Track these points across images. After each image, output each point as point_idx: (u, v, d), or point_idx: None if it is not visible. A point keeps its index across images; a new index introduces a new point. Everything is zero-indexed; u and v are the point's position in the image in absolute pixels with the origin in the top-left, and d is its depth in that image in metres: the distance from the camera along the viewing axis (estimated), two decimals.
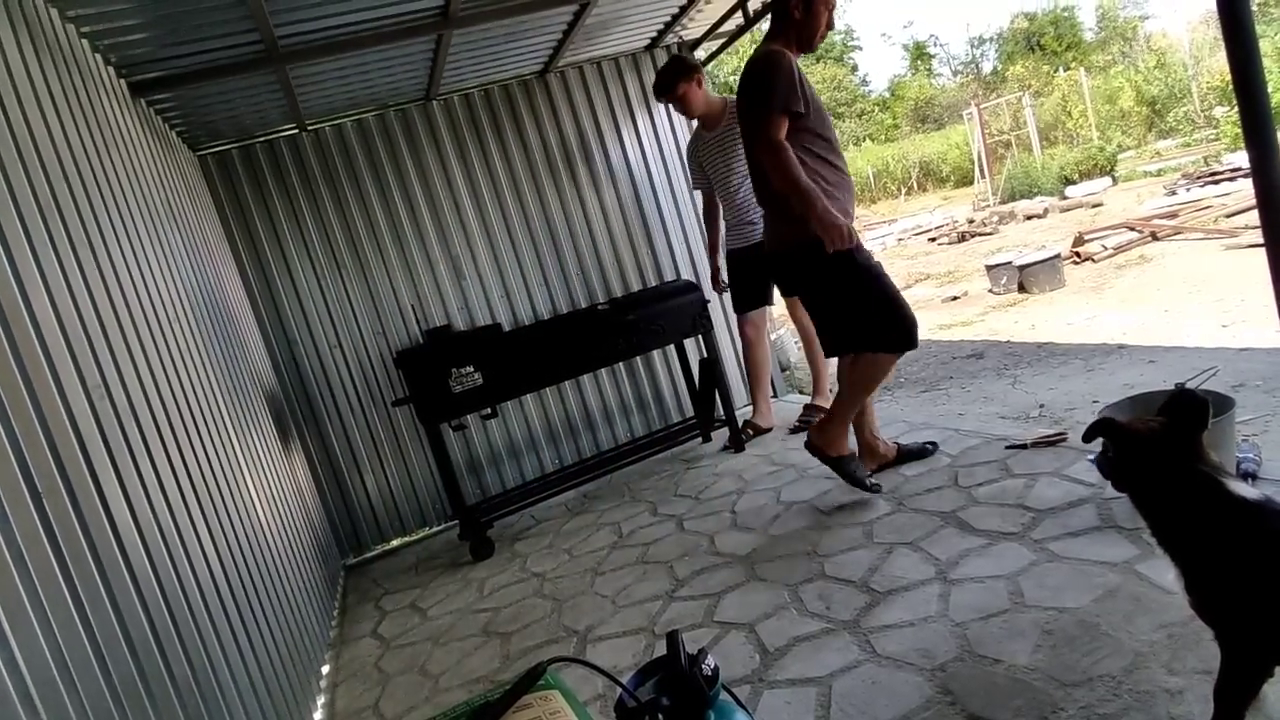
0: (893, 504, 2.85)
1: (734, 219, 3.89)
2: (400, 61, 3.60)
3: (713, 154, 3.85)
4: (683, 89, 3.70)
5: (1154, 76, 16.10)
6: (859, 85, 35.26)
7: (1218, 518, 1.43)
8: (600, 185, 4.49)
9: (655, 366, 4.59)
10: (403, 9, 3.10)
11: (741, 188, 3.79)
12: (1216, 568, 1.43)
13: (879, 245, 13.53)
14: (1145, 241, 7.41)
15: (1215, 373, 2.75)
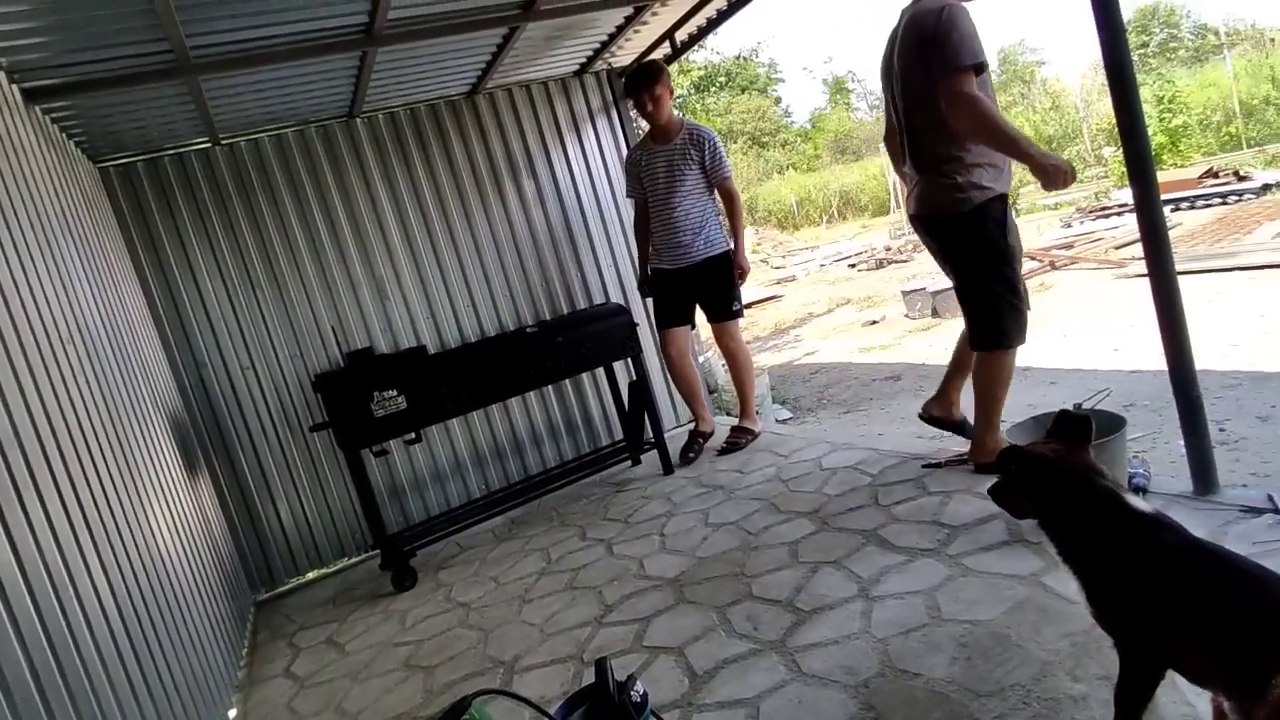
0: (816, 523, 2.90)
1: (663, 237, 3.90)
2: (322, 77, 3.51)
3: (659, 168, 3.86)
4: (661, 89, 3.78)
5: (1050, 117, 17.29)
6: (782, 116, 36.48)
7: (1116, 532, 1.51)
8: (529, 208, 4.47)
9: (584, 389, 4.57)
10: (325, 25, 3.03)
11: (680, 207, 3.82)
12: (1114, 580, 1.51)
13: (803, 271, 13.94)
14: (1045, 270, 7.88)
15: (1108, 394, 2.94)
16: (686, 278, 3.88)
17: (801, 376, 6.40)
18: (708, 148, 3.83)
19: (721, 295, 3.93)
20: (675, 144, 3.82)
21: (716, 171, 3.85)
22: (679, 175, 3.79)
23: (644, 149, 3.95)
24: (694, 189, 3.83)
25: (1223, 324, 4.68)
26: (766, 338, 8.79)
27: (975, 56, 2.42)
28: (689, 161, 3.82)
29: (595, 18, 3.86)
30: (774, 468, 3.60)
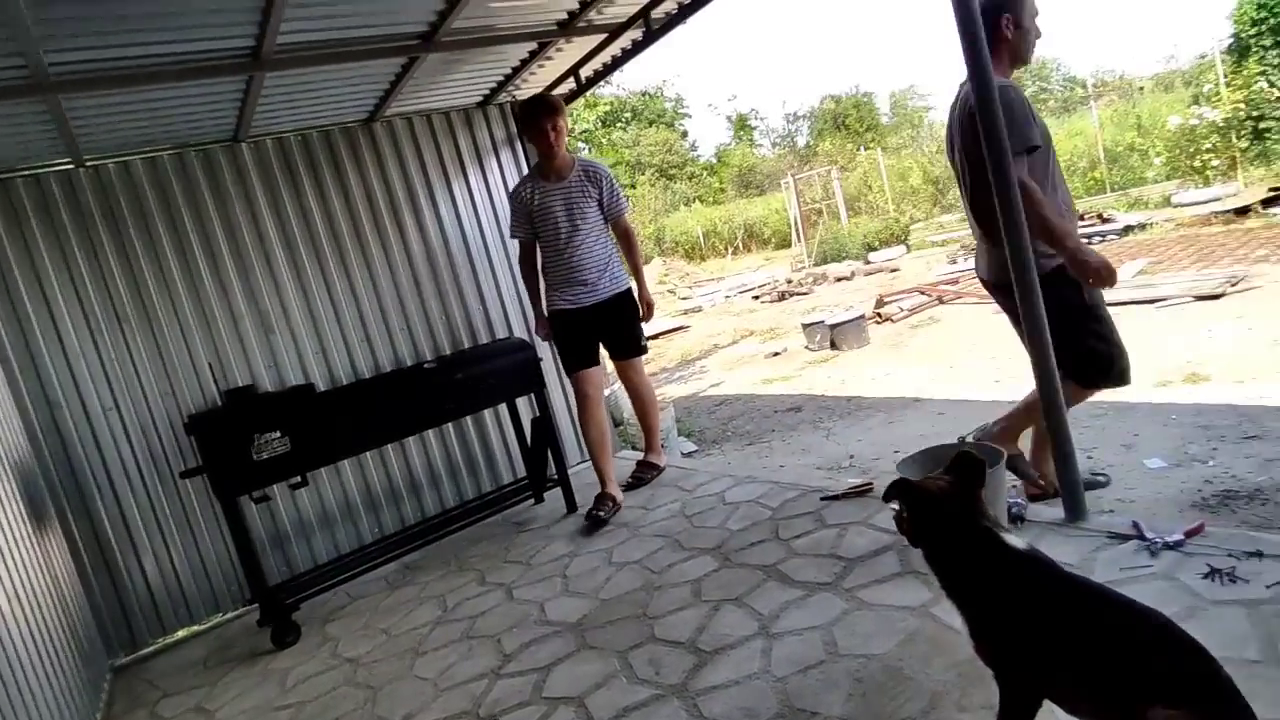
0: (719, 560, 2.90)
1: (564, 277, 3.77)
2: (204, 99, 3.32)
3: (556, 206, 3.70)
4: (563, 122, 3.68)
5: (936, 159, 18.39)
6: (689, 150, 37.42)
7: (994, 570, 1.56)
8: (429, 239, 4.35)
9: (486, 426, 4.44)
10: (208, 47, 2.88)
11: (583, 245, 3.69)
12: (992, 616, 1.56)
13: (709, 302, 14.20)
14: (934, 305, 8.32)
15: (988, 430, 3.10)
16: (592, 317, 3.76)
17: (707, 409, 6.47)
18: (605, 184, 3.74)
19: (629, 332, 3.85)
20: (571, 181, 3.69)
21: (615, 207, 3.78)
22: (580, 213, 3.69)
23: (535, 186, 3.74)
24: (595, 226, 3.74)
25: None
26: (673, 369, 8.87)
27: (1025, 141, 2.50)
28: (588, 198, 3.71)
29: (499, 51, 3.83)
30: (678, 503, 3.59)
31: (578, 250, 3.71)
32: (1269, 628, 1.77)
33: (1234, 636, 1.77)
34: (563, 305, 3.80)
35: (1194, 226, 8.95)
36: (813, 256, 16.10)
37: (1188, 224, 9.18)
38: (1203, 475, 3.04)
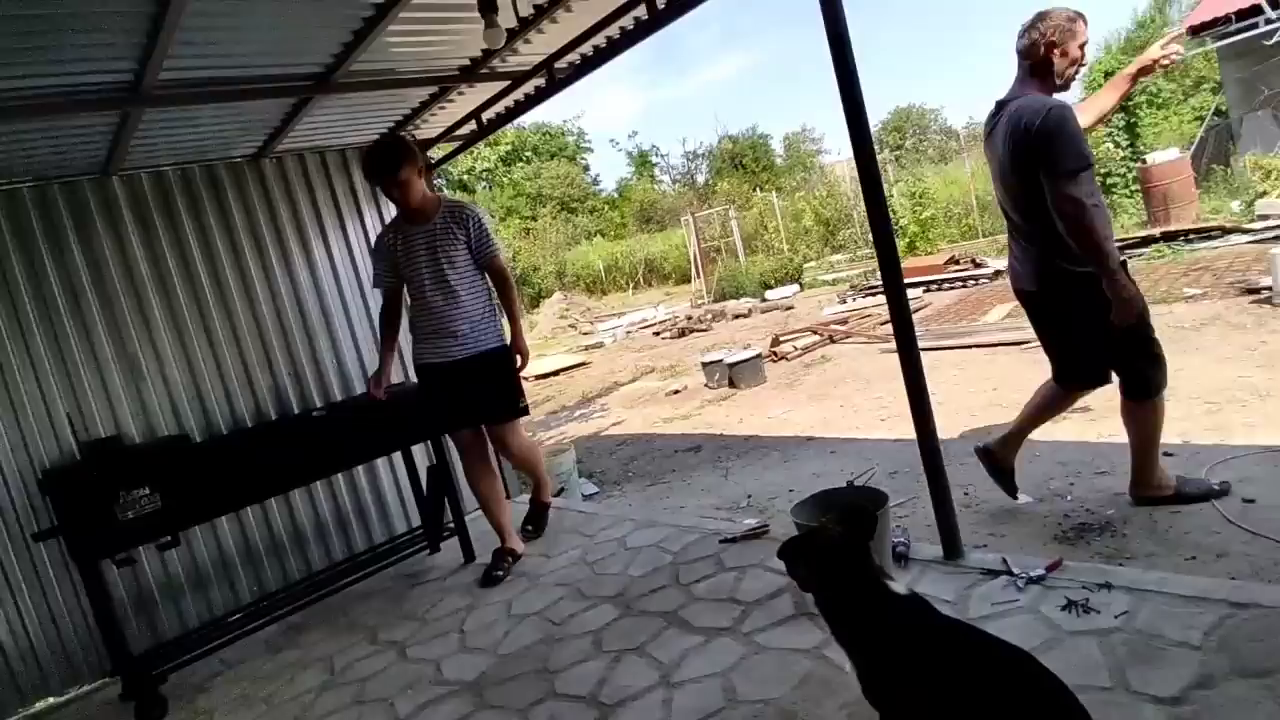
0: (620, 608, 2.90)
1: (433, 327, 3.45)
2: (74, 131, 3.12)
3: (420, 252, 3.41)
4: (406, 174, 3.30)
5: (826, 202, 19.38)
6: (591, 184, 37.85)
7: (878, 618, 1.65)
8: (320, 279, 4.20)
9: (379, 473, 4.27)
10: (84, 81, 2.72)
11: (451, 293, 3.39)
12: (877, 661, 1.65)
13: (610, 337, 14.30)
14: (825, 343, 8.70)
15: (873, 473, 3.28)
16: (463, 372, 3.43)
17: (608, 449, 6.48)
18: (472, 225, 3.42)
19: (504, 393, 3.52)
20: (435, 224, 3.40)
21: (484, 251, 3.45)
22: (446, 258, 3.38)
23: (398, 231, 3.47)
24: (465, 272, 3.42)
25: (965, 396, 5.40)
26: (574, 407, 8.85)
27: (1081, 160, 2.64)
28: (454, 242, 3.40)
29: (399, 93, 3.79)
30: (579, 549, 3.57)
31: (445, 299, 3.41)
32: (1117, 656, 1.94)
33: (1088, 666, 1.93)
34: (430, 359, 3.50)
35: None
36: (712, 293, 16.54)
37: None
38: (1062, 509, 3.29)
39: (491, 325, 3.51)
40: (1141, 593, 2.17)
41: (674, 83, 64.97)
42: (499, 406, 3.53)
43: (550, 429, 7.97)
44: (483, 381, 3.46)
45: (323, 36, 2.96)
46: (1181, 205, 10.71)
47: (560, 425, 8.06)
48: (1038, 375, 5.39)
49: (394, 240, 3.49)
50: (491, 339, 3.50)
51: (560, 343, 15.91)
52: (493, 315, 3.53)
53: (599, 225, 33.34)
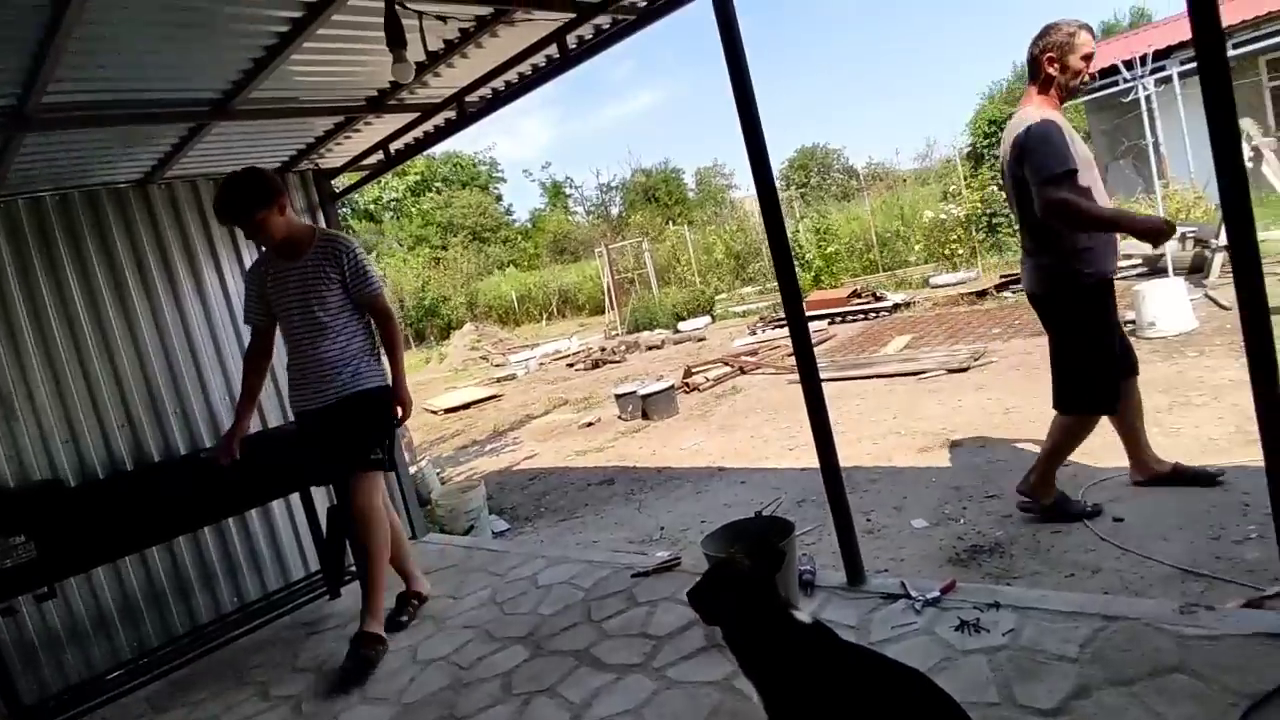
0: (531, 648, 2.85)
1: (302, 372, 3.16)
2: None
3: (291, 289, 3.11)
4: (262, 215, 3.00)
5: (737, 236, 19.97)
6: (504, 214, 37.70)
7: (783, 648, 1.69)
8: (213, 312, 3.99)
9: (274, 516, 4.05)
10: None
11: (323, 335, 3.09)
12: (783, 689, 1.68)
13: (523, 369, 14.17)
14: (736, 374, 8.90)
15: (780, 502, 3.37)
16: (332, 418, 3.12)
17: (520, 483, 6.39)
18: (346, 261, 3.11)
19: (356, 440, 3.10)
20: (307, 260, 3.10)
21: (360, 288, 3.13)
22: (317, 298, 3.08)
23: (269, 265, 3.17)
24: (339, 313, 3.12)
25: (867, 425, 5.63)
26: (485, 441, 8.69)
27: (1064, 164, 2.80)
28: (326, 280, 3.09)
29: (303, 121, 3.69)
30: (488, 589, 3.49)
31: (317, 342, 3.10)
32: (1004, 672, 2.05)
33: (978, 683, 2.03)
34: (302, 405, 3.21)
35: (947, 305, 10.39)
36: (626, 324, 16.67)
37: (942, 303, 10.64)
38: (956, 533, 3.46)
39: (369, 369, 3.17)
40: (1026, 610, 2.30)
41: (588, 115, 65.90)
42: (355, 451, 3.11)
43: (460, 464, 7.79)
44: (347, 423, 3.10)
45: (222, 62, 2.86)
46: None
47: (470, 460, 7.89)
48: (933, 404, 5.72)
49: (264, 274, 3.20)
50: (367, 383, 3.15)
51: (471, 375, 15.64)
52: (371, 359, 3.21)
53: (512, 255, 33.19)
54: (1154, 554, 2.82)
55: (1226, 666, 1.85)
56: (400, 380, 3.19)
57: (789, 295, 2.69)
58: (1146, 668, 1.91)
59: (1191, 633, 2.00)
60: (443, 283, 27.01)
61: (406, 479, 4.59)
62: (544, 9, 2.99)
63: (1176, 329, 6.08)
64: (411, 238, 32.64)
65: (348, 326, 3.16)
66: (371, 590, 3.11)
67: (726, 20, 2.51)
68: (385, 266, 27.06)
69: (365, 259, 3.19)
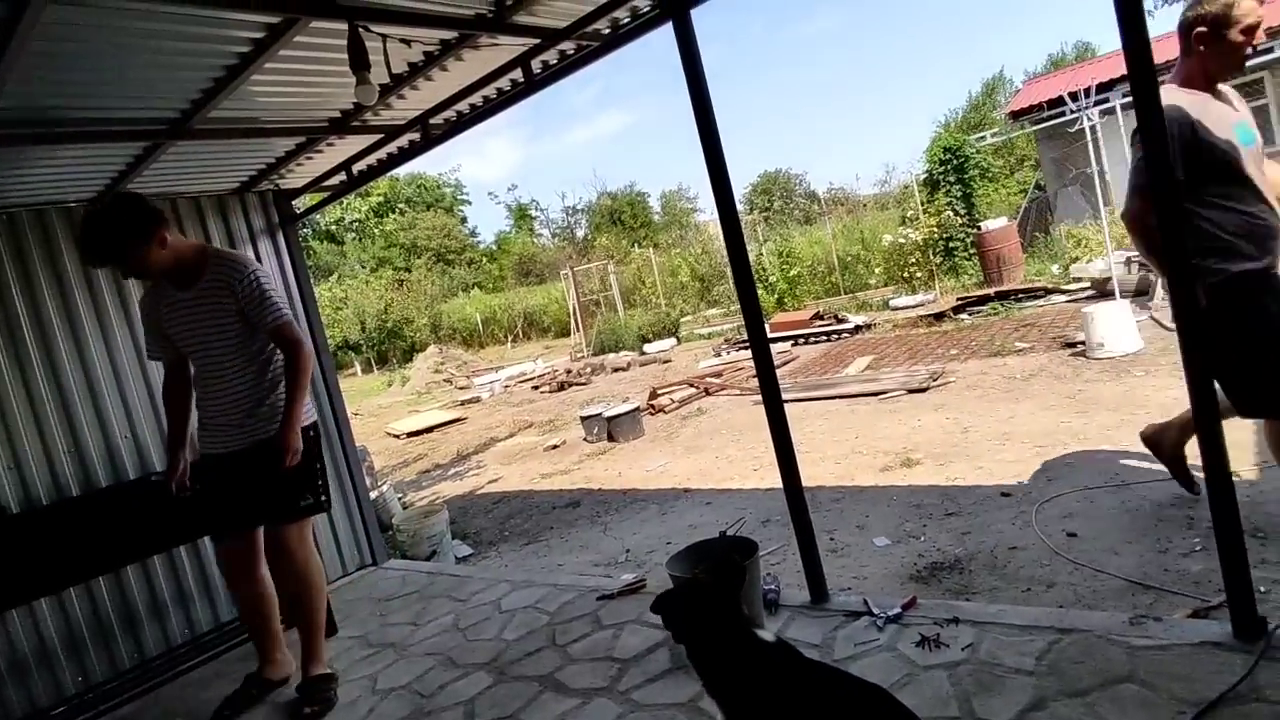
0: (494, 675, 2.81)
1: (207, 412, 2.89)
2: None
3: (182, 322, 2.82)
4: (139, 254, 2.67)
5: (702, 259, 20.18)
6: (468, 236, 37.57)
7: (747, 667, 1.70)
8: None
9: None
10: None
11: (224, 372, 2.81)
12: (747, 709, 1.68)
13: (488, 391, 14.05)
14: (701, 396, 8.95)
15: (744, 521, 3.39)
16: (245, 465, 2.82)
17: (483, 507, 6.31)
18: (240, 287, 2.74)
19: (272, 490, 2.82)
20: (201, 289, 2.77)
21: (259, 316, 2.77)
22: (214, 329, 2.78)
23: (163, 294, 2.85)
24: (238, 347, 2.81)
25: (830, 445, 5.69)
26: (448, 465, 8.58)
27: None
28: (222, 311, 2.77)
29: (263, 142, 3.66)
30: (451, 615, 3.44)
31: (216, 380, 2.83)
32: (963, 687, 2.08)
33: (939, 698, 2.06)
34: (209, 449, 2.92)
35: (906, 327, 10.61)
36: (591, 346, 16.67)
37: (901, 325, 10.86)
38: (916, 550, 3.51)
39: (277, 409, 2.86)
40: (984, 625, 2.34)
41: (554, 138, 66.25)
42: (279, 502, 2.86)
43: (423, 489, 7.68)
44: (248, 475, 2.81)
45: (181, 81, 2.83)
46: (1011, 268, 11.96)
47: (433, 484, 7.78)
48: (893, 424, 5.82)
49: (157, 303, 2.88)
50: (265, 427, 2.83)
51: (434, 398, 15.46)
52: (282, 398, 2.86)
53: (476, 277, 33.06)
54: (1105, 567, 2.89)
55: (1174, 675, 1.90)
56: (290, 421, 2.76)
57: (751, 318, 2.74)
58: (1099, 679, 1.96)
59: (1141, 643, 2.06)
60: (406, 305, 26.76)
61: (368, 504, 4.51)
62: (509, 34, 3.02)
63: (1123, 349, 6.29)
64: (374, 259, 32.33)
65: (256, 360, 2.85)
66: (313, 633, 2.94)
67: (688, 48, 2.57)
68: (347, 288, 26.71)
69: (263, 282, 2.79)
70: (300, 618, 2.95)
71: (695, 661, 1.85)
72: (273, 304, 2.78)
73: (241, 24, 2.50)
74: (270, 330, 2.79)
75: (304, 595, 2.92)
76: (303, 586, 2.91)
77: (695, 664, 1.85)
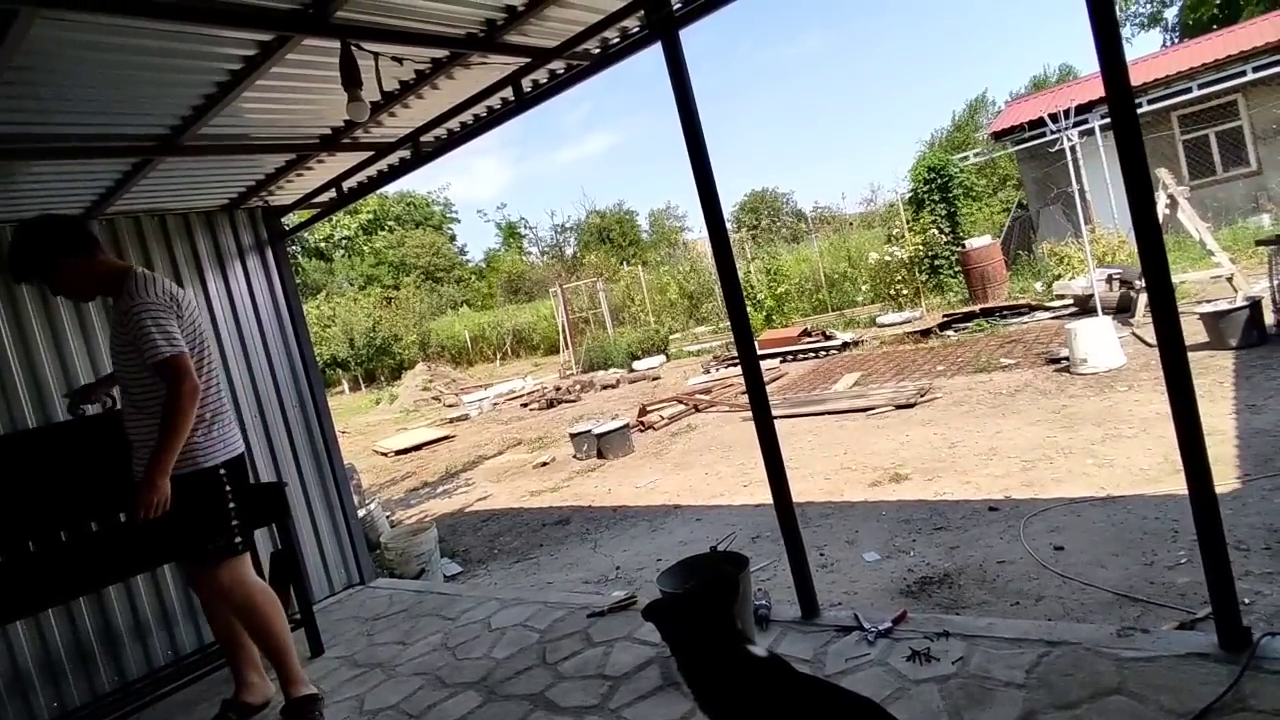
0: (484, 694, 2.78)
1: (132, 439, 2.77)
2: None
3: (111, 340, 2.80)
4: (66, 267, 2.63)
5: (690, 276, 20.26)
6: (457, 254, 37.55)
7: (740, 682, 1.70)
8: None
9: None
10: None
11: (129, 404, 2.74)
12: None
13: (476, 409, 14.00)
14: (691, 412, 8.96)
15: (734, 537, 3.39)
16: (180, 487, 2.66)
17: (473, 525, 6.27)
18: (127, 319, 2.61)
19: (186, 532, 2.70)
20: (115, 313, 2.71)
21: (144, 350, 2.58)
22: (121, 354, 2.71)
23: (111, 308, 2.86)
24: (138, 379, 2.68)
25: (819, 460, 5.71)
26: (436, 483, 8.52)
27: None
28: (124, 341, 2.67)
29: (253, 158, 3.66)
30: (440, 634, 3.41)
31: (130, 406, 2.76)
32: (954, 700, 2.08)
33: (930, 712, 2.06)
34: (135, 475, 2.76)
35: (893, 344, 10.68)
36: (580, 363, 16.66)
37: (889, 341, 10.93)
38: (906, 565, 3.52)
39: (198, 440, 2.69)
40: (974, 638, 2.35)
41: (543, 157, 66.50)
42: (187, 544, 2.77)
43: (411, 506, 7.62)
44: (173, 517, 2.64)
45: (172, 97, 2.84)
46: (995, 285, 12.09)
47: (421, 502, 7.73)
48: (882, 439, 5.84)
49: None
50: (184, 465, 2.65)
51: (423, 415, 15.37)
52: (201, 431, 2.70)
53: (465, 295, 33.02)
54: (1093, 580, 2.91)
55: (1162, 687, 1.92)
56: (154, 469, 2.57)
57: (741, 334, 2.75)
58: (1088, 691, 1.97)
59: (1129, 655, 2.07)
60: (394, 322, 26.66)
61: (355, 523, 4.48)
62: (500, 53, 3.06)
63: (1107, 365, 6.36)
64: (362, 277, 32.24)
65: (153, 395, 2.66)
66: (282, 659, 2.84)
67: (677, 68, 2.61)
68: (335, 305, 26.59)
69: (147, 313, 2.59)
70: (262, 645, 2.87)
71: (686, 675, 1.84)
72: (151, 337, 2.58)
73: (234, 41, 2.52)
74: (149, 366, 2.60)
75: (254, 626, 2.83)
76: (248, 618, 2.82)
77: (686, 677, 1.85)
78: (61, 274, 2.66)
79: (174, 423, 2.57)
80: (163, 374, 2.59)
